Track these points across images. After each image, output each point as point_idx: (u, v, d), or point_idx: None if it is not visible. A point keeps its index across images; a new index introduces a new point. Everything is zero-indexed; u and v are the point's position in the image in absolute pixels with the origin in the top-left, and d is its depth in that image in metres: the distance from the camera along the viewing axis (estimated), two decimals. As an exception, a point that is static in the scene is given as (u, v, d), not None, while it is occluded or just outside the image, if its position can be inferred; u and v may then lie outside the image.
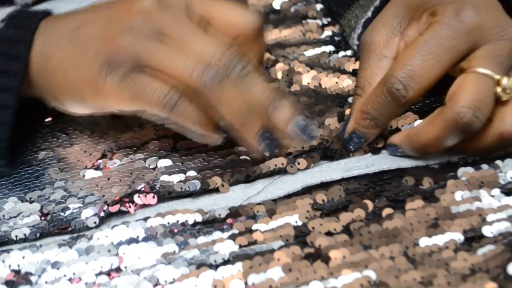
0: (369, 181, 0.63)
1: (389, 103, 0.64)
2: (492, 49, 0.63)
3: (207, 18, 0.63)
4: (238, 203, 0.63)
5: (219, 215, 0.61)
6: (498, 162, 0.64)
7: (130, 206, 0.63)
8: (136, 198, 0.63)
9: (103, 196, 0.64)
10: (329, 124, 0.68)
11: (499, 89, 0.62)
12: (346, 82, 0.73)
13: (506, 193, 0.62)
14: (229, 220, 0.61)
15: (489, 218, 0.59)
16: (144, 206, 0.63)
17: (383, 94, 0.64)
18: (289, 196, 0.63)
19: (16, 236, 0.61)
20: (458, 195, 0.61)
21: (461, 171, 0.63)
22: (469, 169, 0.63)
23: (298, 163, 0.65)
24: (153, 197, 0.63)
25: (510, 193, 0.62)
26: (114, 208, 0.62)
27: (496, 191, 0.62)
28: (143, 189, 0.63)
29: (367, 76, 0.66)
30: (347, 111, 0.69)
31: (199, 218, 0.61)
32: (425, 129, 0.63)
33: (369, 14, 0.71)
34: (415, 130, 0.64)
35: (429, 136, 0.63)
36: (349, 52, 0.76)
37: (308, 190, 0.63)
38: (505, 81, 0.62)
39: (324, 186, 0.63)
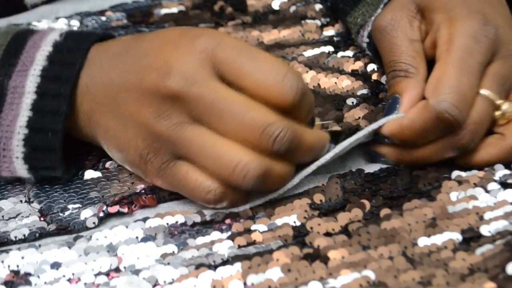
0: (365, 180, 0.63)
1: (439, 130, 0.61)
2: (501, 68, 0.62)
3: (239, 86, 0.57)
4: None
5: (218, 216, 0.61)
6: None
7: (129, 207, 0.63)
8: (135, 199, 0.63)
9: (102, 196, 0.64)
10: (328, 126, 0.69)
11: (497, 113, 0.62)
12: (345, 83, 0.73)
13: (503, 185, 0.62)
14: (227, 221, 0.61)
15: (487, 216, 0.59)
16: (143, 206, 0.63)
17: (432, 120, 0.60)
18: (287, 196, 0.63)
19: (15, 237, 0.61)
20: (454, 195, 0.61)
21: (455, 173, 0.63)
22: (462, 173, 0.63)
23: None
24: (153, 198, 0.63)
25: (506, 185, 0.62)
26: (113, 209, 0.62)
27: (492, 186, 0.62)
28: (143, 190, 0.63)
29: (407, 59, 0.63)
30: (346, 114, 0.69)
31: (198, 219, 0.61)
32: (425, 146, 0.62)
33: (379, 11, 0.71)
34: (411, 148, 0.62)
35: (427, 152, 0.62)
36: (348, 53, 0.76)
37: (306, 190, 0.63)
38: (505, 106, 0.62)
39: (321, 178, 0.64)
